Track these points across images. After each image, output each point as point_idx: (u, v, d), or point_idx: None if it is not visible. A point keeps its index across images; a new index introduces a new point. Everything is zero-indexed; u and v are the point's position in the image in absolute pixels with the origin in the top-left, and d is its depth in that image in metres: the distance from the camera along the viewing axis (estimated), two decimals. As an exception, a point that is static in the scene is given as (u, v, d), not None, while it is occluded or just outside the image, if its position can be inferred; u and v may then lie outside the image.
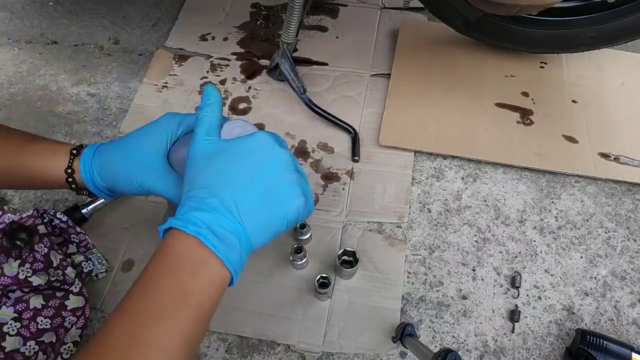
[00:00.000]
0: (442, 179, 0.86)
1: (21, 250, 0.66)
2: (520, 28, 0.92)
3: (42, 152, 0.55)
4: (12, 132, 0.57)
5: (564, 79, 0.99)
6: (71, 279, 0.68)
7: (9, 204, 0.84)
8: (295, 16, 0.85)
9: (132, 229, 0.80)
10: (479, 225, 0.81)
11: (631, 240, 0.80)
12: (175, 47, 1.06)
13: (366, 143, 0.90)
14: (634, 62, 1.01)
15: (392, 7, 1.13)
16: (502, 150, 0.88)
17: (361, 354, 0.69)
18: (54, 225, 0.75)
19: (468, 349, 0.70)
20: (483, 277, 0.76)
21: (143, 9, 1.16)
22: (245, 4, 1.15)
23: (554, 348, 0.70)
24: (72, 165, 0.55)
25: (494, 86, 0.97)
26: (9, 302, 0.64)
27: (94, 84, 1.01)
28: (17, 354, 0.60)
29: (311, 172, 0.87)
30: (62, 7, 1.16)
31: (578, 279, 0.76)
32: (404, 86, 0.97)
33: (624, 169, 0.85)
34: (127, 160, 0.53)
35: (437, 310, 0.73)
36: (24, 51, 1.07)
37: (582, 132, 0.90)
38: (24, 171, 0.55)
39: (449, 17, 0.93)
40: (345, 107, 0.95)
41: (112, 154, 0.54)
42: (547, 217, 0.82)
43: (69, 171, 0.54)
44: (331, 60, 1.03)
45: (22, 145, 0.55)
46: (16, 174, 0.55)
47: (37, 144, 0.56)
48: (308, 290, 0.73)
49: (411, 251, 0.78)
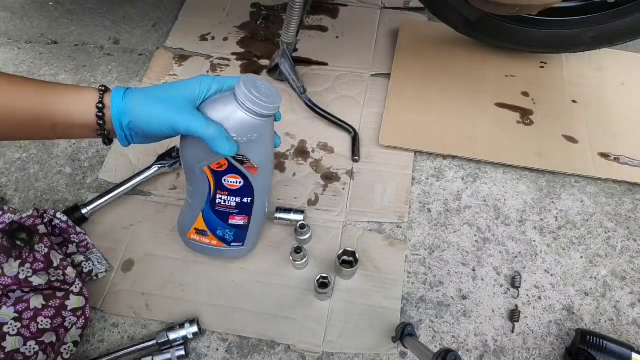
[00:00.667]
0: (442, 179, 0.86)
1: (21, 250, 0.66)
2: (521, 28, 0.92)
3: (68, 93, 0.53)
4: (30, 80, 0.55)
5: (564, 79, 0.99)
6: (71, 279, 0.68)
7: (9, 204, 0.84)
8: (295, 16, 0.85)
9: (132, 229, 0.80)
10: (479, 225, 0.81)
11: (631, 240, 0.80)
12: (175, 47, 1.06)
13: (366, 143, 0.90)
14: (634, 62, 1.01)
15: (392, 7, 1.13)
16: (502, 150, 0.88)
17: (361, 354, 0.69)
18: (54, 225, 0.75)
19: (468, 349, 0.70)
20: (483, 277, 0.76)
21: (143, 9, 1.16)
22: (245, 4, 1.15)
23: (554, 348, 0.70)
24: (103, 101, 0.53)
25: (494, 86, 0.97)
26: (9, 302, 0.64)
27: (94, 84, 1.01)
28: (18, 354, 0.60)
29: (311, 172, 0.87)
30: (62, 7, 1.16)
31: (578, 279, 0.76)
32: (404, 86, 0.97)
33: (624, 169, 0.85)
34: (161, 101, 0.53)
35: (437, 310, 0.73)
36: (24, 51, 1.07)
37: (582, 132, 0.90)
38: (46, 116, 0.53)
39: (449, 17, 0.93)
40: (345, 107, 0.95)
41: (145, 95, 0.54)
42: (547, 217, 0.82)
43: (99, 106, 0.53)
44: (331, 60, 1.03)
45: (42, 90, 0.53)
46: (37, 120, 0.53)
47: (59, 87, 0.54)
48: (308, 290, 0.73)
49: (411, 251, 0.78)
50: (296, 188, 0.85)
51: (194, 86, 0.54)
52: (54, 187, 0.86)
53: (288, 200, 0.83)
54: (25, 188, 0.86)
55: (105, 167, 0.88)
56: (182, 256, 0.77)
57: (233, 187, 0.62)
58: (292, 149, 0.90)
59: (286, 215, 0.78)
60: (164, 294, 0.74)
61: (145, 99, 0.53)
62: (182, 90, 0.54)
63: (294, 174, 0.86)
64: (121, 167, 0.87)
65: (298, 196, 0.84)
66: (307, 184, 0.85)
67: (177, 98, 0.53)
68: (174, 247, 0.78)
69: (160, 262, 0.77)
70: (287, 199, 0.83)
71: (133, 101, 0.53)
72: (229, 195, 0.63)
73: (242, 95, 0.52)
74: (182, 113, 0.52)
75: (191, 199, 0.66)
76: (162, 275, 0.75)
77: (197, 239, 0.71)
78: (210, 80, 0.55)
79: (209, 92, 0.55)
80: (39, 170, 0.88)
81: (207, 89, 0.55)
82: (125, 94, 0.54)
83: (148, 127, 0.54)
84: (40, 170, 0.88)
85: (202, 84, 0.55)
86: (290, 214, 0.78)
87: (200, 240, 0.70)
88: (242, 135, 0.54)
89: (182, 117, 0.52)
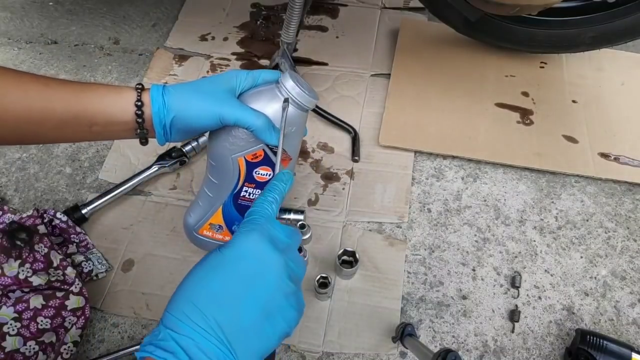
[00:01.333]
0: (442, 179, 0.86)
1: (21, 250, 0.66)
2: (521, 28, 0.92)
3: (106, 93, 0.53)
4: (66, 81, 0.54)
5: (564, 79, 0.99)
6: (71, 279, 0.68)
7: (9, 204, 0.84)
8: (295, 16, 0.85)
9: (132, 229, 0.80)
10: (479, 225, 0.81)
11: (631, 240, 0.80)
12: (175, 47, 1.06)
13: (366, 143, 0.90)
14: (634, 62, 1.01)
15: (392, 7, 1.13)
16: (502, 150, 0.88)
17: (361, 354, 0.69)
18: (54, 225, 0.75)
19: (468, 349, 0.70)
20: (483, 277, 0.76)
21: (143, 8, 1.16)
22: (245, 4, 1.15)
23: (554, 348, 0.70)
24: (142, 99, 0.53)
25: (494, 86, 0.97)
26: (9, 302, 0.64)
27: (94, 84, 1.01)
28: (17, 354, 0.60)
29: (311, 172, 0.87)
30: (62, 7, 1.16)
31: (578, 279, 0.76)
32: (404, 86, 0.97)
33: (624, 169, 0.85)
34: (206, 94, 0.53)
35: (437, 310, 0.73)
36: (24, 51, 1.07)
37: (582, 132, 0.90)
38: (85, 115, 0.52)
39: (449, 17, 0.93)
40: (345, 107, 0.95)
41: (186, 90, 0.54)
42: (547, 217, 0.82)
43: (138, 104, 0.53)
44: (331, 60, 1.03)
45: (80, 90, 0.53)
46: (76, 120, 0.52)
47: (97, 87, 0.54)
48: (308, 290, 0.73)
49: (411, 251, 0.78)
50: (296, 188, 0.85)
51: (232, 79, 0.56)
52: (54, 187, 0.86)
53: (288, 200, 0.83)
54: (25, 188, 0.86)
55: (105, 167, 0.88)
56: (182, 256, 0.77)
57: (262, 179, 0.63)
58: (292, 149, 0.90)
59: (286, 215, 0.78)
60: (164, 294, 0.74)
61: (187, 93, 0.54)
62: (223, 83, 0.55)
63: (294, 174, 0.86)
64: (121, 167, 0.87)
65: (298, 196, 0.84)
66: (307, 184, 0.85)
67: (220, 91, 0.54)
68: (174, 247, 0.78)
69: (160, 262, 0.77)
70: (287, 199, 0.83)
71: (175, 97, 0.53)
72: (255, 188, 0.64)
73: (290, 88, 0.55)
74: (229, 105, 0.53)
75: (212, 193, 0.66)
76: (162, 275, 0.75)
77: (209, 235, 0.70)
78: (244, 73, 0.57)
79: (245, 85, 0.56)
80: (39, 170, 0.88)
81: (243, 81, 0.56)
82: (165, 91, 0.54)
83: (194, 121, 0.54)
84: (40, 170, 0.88)
85: (239, 77, 0.56)
86: (291, 214, 0.78)
87: (213, 236, 0.70)
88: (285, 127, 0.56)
89: (230, 109, 0.53)
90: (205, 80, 0.55)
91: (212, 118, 0.53)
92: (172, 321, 0.38)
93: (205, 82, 0.55)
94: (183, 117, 0.54)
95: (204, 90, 0.54)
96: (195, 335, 0.37)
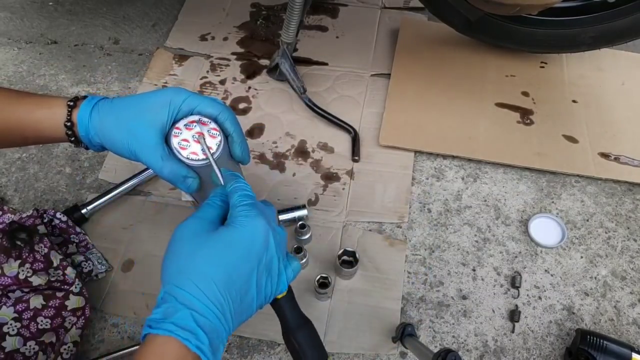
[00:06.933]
0: (442, 179, 0.86)
1: (21, 250, 0.66)
2: (521, 28, 0.92)
3: (36, 107, 0.53)
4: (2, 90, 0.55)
5: (564, 79, 0.99)
6: (71, 279, 0.68)
7: (9, 204, 0.84)
8: (295, 16, 0.85)
9: (132, 229, 0.80)
10: (479, 225, 0.81)
11: (631, 240, 0.80)
12: (175, 47, 1.06)
13: (366, 143, 0.90)
14: (634, 62, 1.01)
15: (392, 7, 1.13)
16: (502, 150, 0.88)
17: (361, 354, 0.69)
18: (54, 225, 0.75)
19: (468, 349, 0.70)
20: (483, 277, 0.76)
21: (143, 9, 1.15)
22: (245, 4, 1.15)
23: (554, 348, 0.70)
24: (71, 119, 0.52)
25: (494, 86, 0.97)
26: (9, 302, 0.64)
27: (94, 84, 1.01)
28: (17, 354, 0.60)
29: (311, 172, 0.87)
30: (62, 7, 1.16)
31: (578, 279, 0.76)
32: (404, 86, 0.97)
33: (624, 169, 0.85)
34: (125, 128, 0.51)
35: (437, 310, 0.73)
36: (24, 51, 1.07)
37: (582, 132, 0.90)
38: (16, 126, 0.53)
39: (449, 17, 0.93)
40: (345, 107, 0.95)
41: (110, 117, 0.52)
42: (547, 217, 0.82)
43: (68, 124, 0.52)
44: (331, 60, 1.03)
45: (12, 100, 0.53)
46: (9, 131, 0.53)
47: (28, 98, 0.54)
48: (308, 290, 0.73)
49: (411, 251, 0.78)
50: (296, 188, 0.85)
51: (163, 109, 0.51)
52: (53, 187, 0.86)
53: (288, 200, 0.83)
54: (25, 188, 0.86)
55: (105, 167, 0.88)
56: (182, 256, 0.77)
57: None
58: (292, 149, 0.90)
59: (287, 215, 0.78)
60: (164, 294, 0.74)
61: (111, 121, 0.52)
62: (151, 112, 0.51)
63: (294, 174, 0.86)
64: (121, 167, 0.87)
65: (298, 196, 0.84)
66: (307, 184, 0.85)
67: (143, 124, 0.50)
68: (174, 247, 0.78)
69: (160, 262, 0.76)
70: (287, 199, 0.83)
71: (99, 122, 0.52)
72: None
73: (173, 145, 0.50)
74: (144, 145, 0.50)
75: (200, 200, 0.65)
76: (162, 275, 0.75)
77: None
78: (182, 98, 0.51)
79: (183, 110, 0.52)
80: (38, 170, 0.88)
81: (180, 104, 0.51)
82: (92, 112, 0.52)
83: (115, 151, 0.53)
84: (40, 170, 0.88)
85: (175, 101, 0.51)
86: (294, 212, 0.78)
87: None
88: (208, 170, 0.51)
89: (144, 150, 0.50)
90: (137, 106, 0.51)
91: (130, 155, 0.52)
92: (187, 298, 0.40)
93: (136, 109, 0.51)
94: (109, 145, 0.53)
95: (128, 121, 0.51)
96: (212, 316, 0.40)
